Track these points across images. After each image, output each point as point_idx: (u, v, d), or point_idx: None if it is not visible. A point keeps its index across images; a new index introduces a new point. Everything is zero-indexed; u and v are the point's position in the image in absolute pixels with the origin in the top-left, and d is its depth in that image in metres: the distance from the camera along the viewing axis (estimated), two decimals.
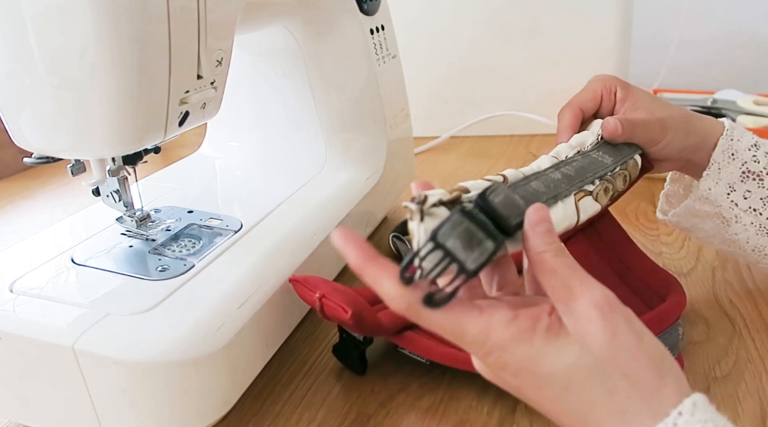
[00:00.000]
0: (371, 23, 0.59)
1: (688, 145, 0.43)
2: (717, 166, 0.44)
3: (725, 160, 0.44)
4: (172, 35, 0.34)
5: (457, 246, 0.27)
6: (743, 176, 0.44)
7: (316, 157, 0.61)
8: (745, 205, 0.44)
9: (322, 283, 0.42)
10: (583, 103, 0.44)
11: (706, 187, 0.45)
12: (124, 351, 0.34)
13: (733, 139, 0.44)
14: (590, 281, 0.28)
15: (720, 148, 0.44)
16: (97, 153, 0.40)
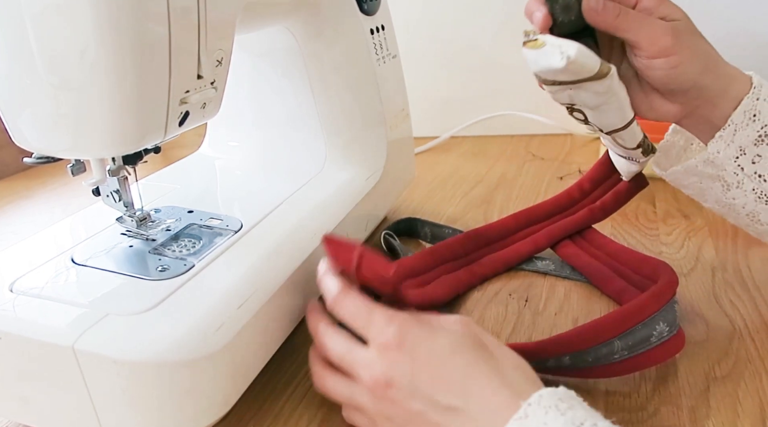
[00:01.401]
0: (371, 23, 0.59)
1: (702, 85, 0.40)
2: (733, 128, 0.40)
3: (744, 121, 0.40)
4: (172, 35, 0.34)
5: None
6: (758, 140, 0.40)
7: (316, 157, 0.61)
8: (750, 171, 0.41)
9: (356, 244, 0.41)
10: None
11: (714, 150, 0.41)
12: (124, 351, 0.34)
13: (759, 99, 0.40)
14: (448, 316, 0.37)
15: (742, 109, 0.40)
16: (97, 153, 0.40)
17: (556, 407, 0.29)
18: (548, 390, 0.30)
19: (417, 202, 0.75)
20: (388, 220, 0.69)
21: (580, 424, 0.28)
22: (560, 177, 0.80)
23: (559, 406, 0.29)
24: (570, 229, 0.58)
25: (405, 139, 0.67)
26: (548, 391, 0.30)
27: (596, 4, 0.38)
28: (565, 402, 0.30)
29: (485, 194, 0.76)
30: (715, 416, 0.38)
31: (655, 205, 0.70)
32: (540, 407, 0.29)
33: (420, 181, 0.80)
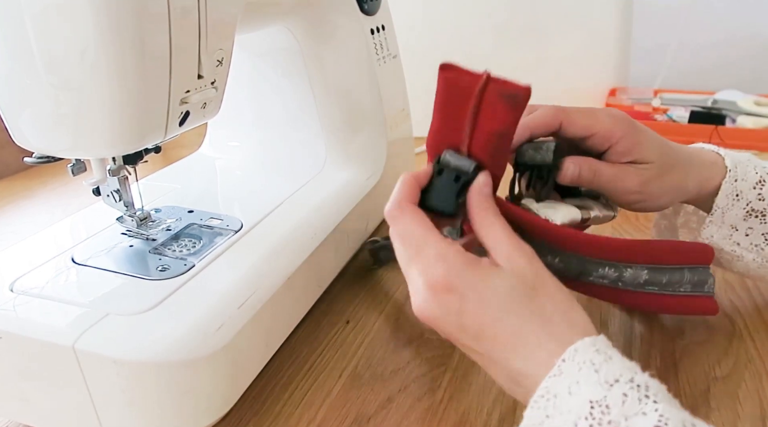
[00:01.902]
0: (371, 23, 0.59)
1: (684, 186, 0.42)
2: (721, 212, 0.43)
3: (729, 203, 0.42)
4: (173, 35, 0.34)
5: (532, 155, 0.39)
6: (747, 215, 0.43)
7: (316, 157, 0.61)
8: (746, 243, 0.44)
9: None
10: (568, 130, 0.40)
11: (708, 235, 0.44)
12: (124, 351, 0.34)
13: (738, 180, 0.42)
14: (517, 237, 0.33)
15: (724, 193, 0.42)
16: (98, 153, 0.40)
17: (591, 362, 0.28)
18: (585, 342, 0.29)
19: None
20: None
21: (614, 381, 0.27)
22: None
23: (594, 360, 0.28)
24: None
25: (405, 139, 0.67)
26: (585, 343, 0.29)
27: (572, 174, 0.40)
28: (601, 354, 0.28)
29: None
30: (715, 416, 0.38)
31: None
32: (574, 363, 0.28)
33: None
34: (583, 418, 0.26)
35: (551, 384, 0.28)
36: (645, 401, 0.26)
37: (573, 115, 0.40)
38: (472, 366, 0.44)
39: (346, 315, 0.51)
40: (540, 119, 0.40)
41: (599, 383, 0.27)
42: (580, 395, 0.27)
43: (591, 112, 0.40)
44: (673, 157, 0.41)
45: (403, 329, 0.49)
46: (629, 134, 0.40)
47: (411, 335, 0.48)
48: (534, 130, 0.40)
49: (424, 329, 0.49)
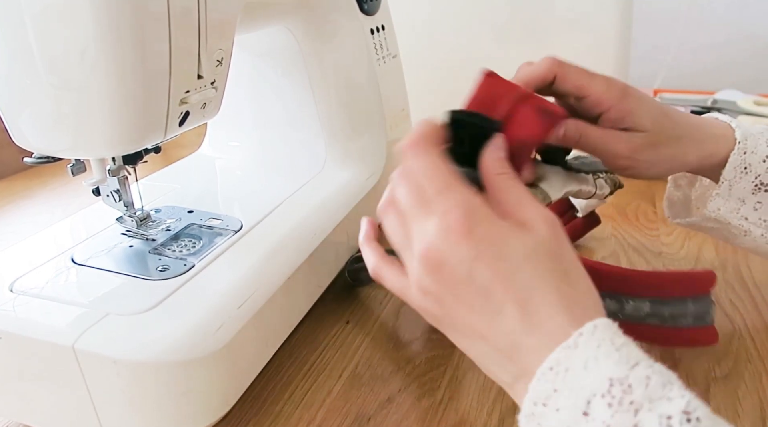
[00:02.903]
0: (371, 23, 0.59)
1: (683, 157, 0.41)
2: (728, 185, 0.41)
3: (737, 175, 0.41)
4: (173, 35, 0.34)
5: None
6: (755, 189, 0.41)
7: (316, 158, 0.61)
8: (755, 218, 0.42)
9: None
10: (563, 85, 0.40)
11: (715, 208, 0.43)
12: (124, 351, 0.34)
13: (747, 153, 0.41)
14: (537, 203, 0.31)
15: (731, 165, 0.41)
16: (98, 153, 0.40)
17: (611, 341, 0.26)
18: (604, 321, 0.27)
19: None
20: None
21: (635, 362, 0.25)
22: None
23: (615, 340, 0.26)
24: None
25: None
26: (604, 322, 0.27)
27: (556, 133, 0.38)
28: (621, 337, 0.27)
29: None
30: None
31: (655, 205, 0.70)
32: (593, 338, 0.26)
33: None
34: (600, 395, 0.25)
35: (564, 356, 0.26)
36: (669, 387, 0.25)
37: (569, 71, 0.39)
38: (472, 366, 0.44)
39: (346, 315, 0.51)
40: (535, 70, 0.39)
41: (620, 362, 0.25)
42: (597, 371, 0.25)
43: (588, 74, 0.39)
44: (671, 128, 0.40)
45: (403, 329, 0.49)
46: (622, 102, 0.39)
47: (411, 335, 0.48)
48: (528, 82, 0.38)
49: (424, 329, 0.49)
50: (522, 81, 0.38)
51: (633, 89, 0.40)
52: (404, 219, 0.32)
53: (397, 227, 0.33)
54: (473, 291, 0.29)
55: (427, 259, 0.30)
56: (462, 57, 0.97)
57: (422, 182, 0.31)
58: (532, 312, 0.28)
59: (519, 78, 0.38)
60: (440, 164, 0.31)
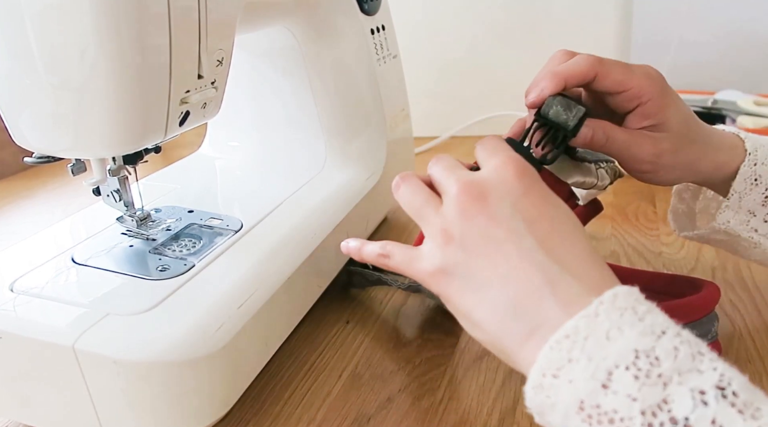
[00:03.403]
0: (372, 23, 0.59)
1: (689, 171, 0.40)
2: (738, 196, 0.41)
3: (747, 187, 0.40)
4: (173, 35, 0.34)
5: (559, 112, 0.37)
6: (765, 200, 0.41)
7: (315, 158, 0.61)
8: (765, 229, 0.42)
9: None
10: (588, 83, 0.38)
11: (724, 220, 0.42)
12: (124, 351, 0.34)
13: (757, 164, 0.40)
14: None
15: (742, 177, 0.40)
16: (98, 153, 0.40)
17: (633, 310, 0.25)
18: (624, 288, 0.26)
19: None
20: (388, 220, 0.69)
21: (661, 332, 0.24)
22: None
23: (638, 309, 0.25)
24: None
25: (405, 139, 0.67)
26: (624, 289, 0.26)
27: (585, 136, 0.38)
28: (643, 304, 0.26)
29: None
30: None
31: (655, 205, 0.70)
32: (614, 307, 0.25)
33: None
34: (624, 367, 0.23)
35: (583, 324, 0.25)
36: (699, 358, 0.24)
37: (610, 68, 0.38)
38: (472, 366, 0.44)
39: (346, 315, 0.51)
40: (576, 68, 0.38)
41: (645, 333, 0.24)
42: (621, 341, 0.24)
43: (628, 68, 0.38)
44: (694, 133, 0.40)
45: (403, 329, 0.49)
46: (659, 96, 0.38)
47: (411, 334, 0.48)
48: (568, 79, 0.37)
49: (424, 329, 0.49)
50: (562, 77, 0.37)
51: (668, 85, 0.40)
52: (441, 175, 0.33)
53: (422, 188, 0.34)
54: (515, 224, 0.29)
55: (468, 190, 0.30)
56: (462, 57, 0.98)
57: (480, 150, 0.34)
58: (574, 256, 0.28)
59: (558, 72, 0.37)
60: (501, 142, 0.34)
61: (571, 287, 0.27)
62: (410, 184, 0.34)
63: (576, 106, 0.37)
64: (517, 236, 0.29)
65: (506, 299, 0.28)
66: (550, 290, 0.27)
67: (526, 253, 0.28)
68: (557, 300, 0.27)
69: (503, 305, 0.28)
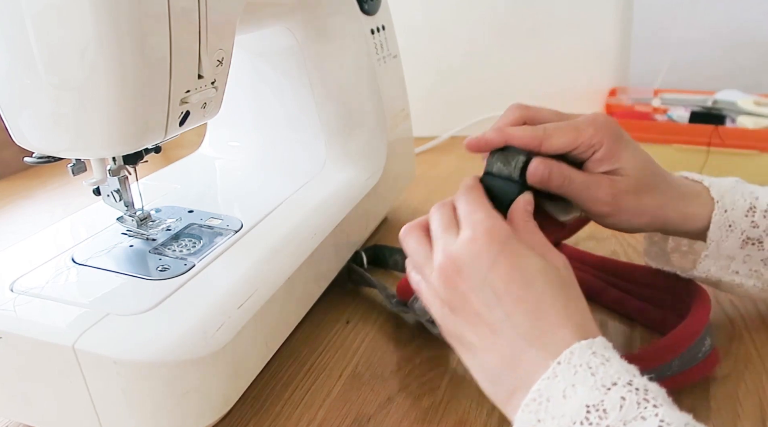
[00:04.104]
0: (372, 23, 0.59)
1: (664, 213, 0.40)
2: (716, 245, 0.41)
3: (723, 234, 0.41)
4: (173, 35, 0.34)
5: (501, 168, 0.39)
6: (743, 244, 0.41)
7: (316, 158, 0.61)
8: (745, 270, 0.43)
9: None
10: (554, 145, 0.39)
11: (705, 269, 0.43)
12: (124, 351, 0.34)
13: (728, 210, 0.41)
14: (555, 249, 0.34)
15: (716, 225, 0.41)
16: (98, 153, 0.40)
17: (587, 366, 0.28)
18: (582, 344, 0.29)
19: (417, 202, 0.75)
20: (388, 220, 0.69)
21: (611, 384, 0.27)
22: None
23: (591, 363, 0.28)
24: None
25: (405, 139, 0.67)
26: (581, 346, 0.28)
27: (542, 174, 0.38)
28: (598, 357, 0.28)
29: None
30: (715, 417, 0.38)
31: None
32: (570, 366, 0.28)
33: (420, 181, 0.80)
34: (579, 423, 0.26)
35: (544, 386, 0.28)
36: (644, 404, 0.26)
37: (554, 136, 0.38)
38: None
39: (346, 315, 0.51)
40: (520, 137, 0.38)
41: (596, 387, 0.27)
42: (575, 399, 0.27)
43: (573, 128, 0.38)
44: (655, 179, 0.40)
45: (403, 329, 0.49)
46: (613, 142, 0.38)
47: (411, 335, 0.48)
48: (510, 141, 0.38)
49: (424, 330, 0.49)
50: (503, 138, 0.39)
51: (624, 133, 0.40)
52: (433, 235, 0.36)
53: (422, 244, 0.37)
54: (485, 297, 0.32)
55: (446, 265, 0.33)
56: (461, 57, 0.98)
57: (459, 207, 0.36)
58: (540, 321, 0.30)
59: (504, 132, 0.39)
60: (478, 197, 0.36)
61: (538, 353, 0.30)
62: (413, 238, 0.38)
63: (515, 157, 0.38)
64: (488, 308, 0.32)
65: (488, 365, 0.32)
66: (520, 359, 0.30)
67: (498, 326, 0.31)
68: (526, 368, 0.30)
69: (487, 370, 0.32)
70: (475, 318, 0.32)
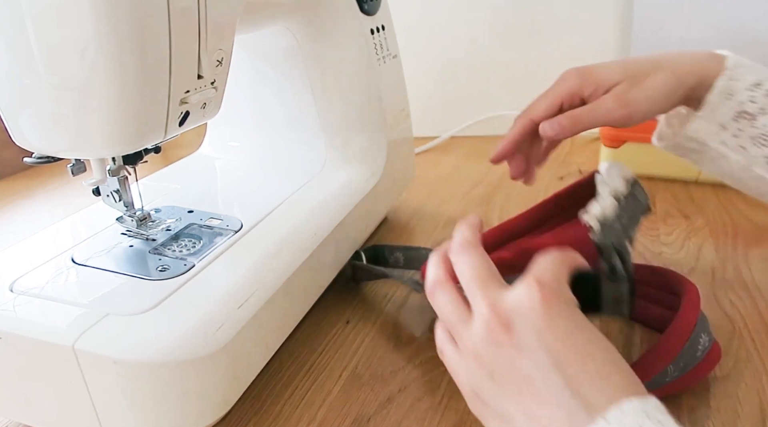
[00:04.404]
0: (371, 23, 0.59)
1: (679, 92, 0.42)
2: (711, 108, 0.42)
3: (721, 100, 0.42)
4: (173, 35, 0.34)
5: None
6: (737, 115, 0.42)
7: (316, 158, 0.61)
8: (733, 144, 0.43)
9: None
10: (537, 114, 0.43)
11: (694, 128, 0.44)
12: (124, 351, 0.34)
13: (733, 79, 0.42)
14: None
15: (717, 90, 0.42)
16: (97, 153, 0.40)
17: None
18: (633, 404, 0.26)
19: (417, 202, 0.75)
20: (388, 220, 0.69)
21: None
22: (560, 177, 0.80)
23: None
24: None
25: (405, 139, 0.67)
26: (632, 406, 0.26)
27: (551, 129, 0.41)
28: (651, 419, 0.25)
29: (485, 194, 0.76)
30: (715, 417, 0.38)
31: (655, 205, 0.70)
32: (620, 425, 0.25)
33: (420, 181, 0.80)
34: None
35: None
36: None
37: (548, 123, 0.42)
38: None
39: (346, 315, 0.51)
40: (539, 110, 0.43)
41: None
42: None
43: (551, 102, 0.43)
44: (645, 65, 0.42)
45: (403, 329, 0.49)
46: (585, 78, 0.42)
47: (411, 335, 0.48)
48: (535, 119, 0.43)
49: (424, 329, 0.49)
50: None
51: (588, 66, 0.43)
52: (470, 286, 0.32)
53: (457, 302, 0.32)
54: (539, 360, 0.28)
55: (493, 321, 0.29)
56: (461, 57, 0.98)
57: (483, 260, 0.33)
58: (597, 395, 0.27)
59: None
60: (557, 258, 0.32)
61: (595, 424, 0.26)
62: (445, 294, 0.33)
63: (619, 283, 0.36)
64: (543, 372, 0.28)
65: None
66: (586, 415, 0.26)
67: (553, 393, 0.27)
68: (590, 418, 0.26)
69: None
70: (523, 385, 0.28)
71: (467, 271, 0.33)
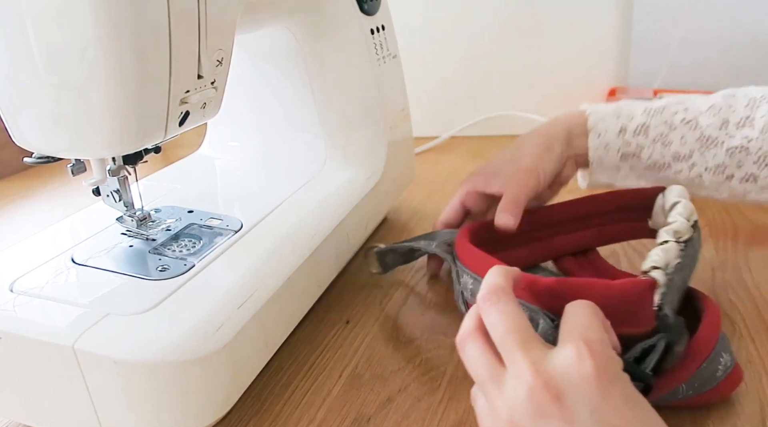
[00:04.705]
0: (371, 23, 0.59)
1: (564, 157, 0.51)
2: (598, 162, 0.50)
3: (602, 153, 0.50)
4: (173, 35, 0.34)
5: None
6: (622, 158, 0.50)
7: (316, 157, 0.61)
8: (633, 176, 0.51)
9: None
10: (449, 220, 0.54)
11: (596, 179, 0.52)
12: (124, 351, 0.34)
13: (601, 134, 0.49)
14: None
15: (593, 150, 0.50)
16: (97, 153, 0.40)
17: None
18: None
19: (417, 202, 0.75)
20: (388, 220, 0.69)
21: None
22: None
23: None
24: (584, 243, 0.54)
25: (405, 139, 0.67)
26: None
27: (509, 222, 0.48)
28: None
29: None
30: (715, 417, 0.38)
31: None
32: None
33: (420, 181, 0.80)
34: None
35: None
36: None
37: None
38: None
39: (346, 315, 0.51)
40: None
41: None
42: None
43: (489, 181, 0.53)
44: (518, 149, 0.51)
45: (403, 329, 0.49)
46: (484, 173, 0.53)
47: (411, 335, 0.48)
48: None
49: (424, 329, 0.49)
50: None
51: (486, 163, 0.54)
52: (505, 343, 0.29)
53: (489, 357, 0.30)
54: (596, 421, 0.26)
55: (539, 388, 0.26)
56: (461, 57, 0.98)
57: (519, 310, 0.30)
58: None
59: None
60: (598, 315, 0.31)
61: None
62: (476, 347, 0.31)
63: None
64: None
65: None
66: None
67: None
68: None
69: None
70: None
71: (501, 323, 0.30)
